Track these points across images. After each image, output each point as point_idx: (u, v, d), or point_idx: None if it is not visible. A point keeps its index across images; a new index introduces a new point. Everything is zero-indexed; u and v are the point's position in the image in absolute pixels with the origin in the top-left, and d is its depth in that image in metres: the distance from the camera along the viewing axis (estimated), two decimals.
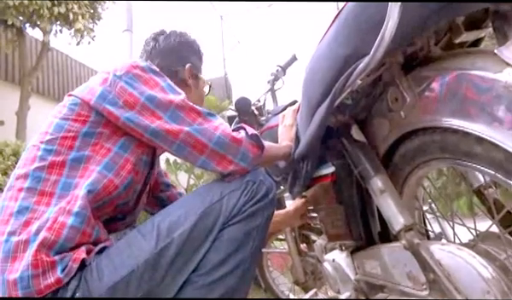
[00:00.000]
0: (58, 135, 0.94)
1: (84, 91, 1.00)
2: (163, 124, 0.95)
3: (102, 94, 0.97)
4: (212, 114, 1.02)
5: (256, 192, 0.97)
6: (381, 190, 0.91)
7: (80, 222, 0.86)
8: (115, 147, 0.97)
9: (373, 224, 1.10)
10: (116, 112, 0.95)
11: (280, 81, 2.13)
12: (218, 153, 0.97)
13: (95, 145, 0.95)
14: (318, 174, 1.20)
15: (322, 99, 0.88)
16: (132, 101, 0.96)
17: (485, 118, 0.64)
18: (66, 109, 0.99)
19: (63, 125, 0.96)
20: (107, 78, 0.99)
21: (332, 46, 0.83)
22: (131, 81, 0.98)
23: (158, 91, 0.98)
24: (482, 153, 0.68)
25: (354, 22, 0.76)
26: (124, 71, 0.99)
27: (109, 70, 1.01)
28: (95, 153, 0.95)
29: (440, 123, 0.74)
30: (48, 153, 0.92)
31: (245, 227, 0.94)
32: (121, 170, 0.96)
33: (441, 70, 0.74)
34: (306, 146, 1.04)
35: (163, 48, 1.29)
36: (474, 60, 0.68)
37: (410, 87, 0.81)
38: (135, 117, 0.95)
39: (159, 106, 0.96)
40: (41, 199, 0.88)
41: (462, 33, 0.80)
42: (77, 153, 0.93)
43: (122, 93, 0.96)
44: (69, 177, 0.91)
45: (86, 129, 0.95)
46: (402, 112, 0.83)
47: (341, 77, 0.80)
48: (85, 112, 0.97)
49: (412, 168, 0.92)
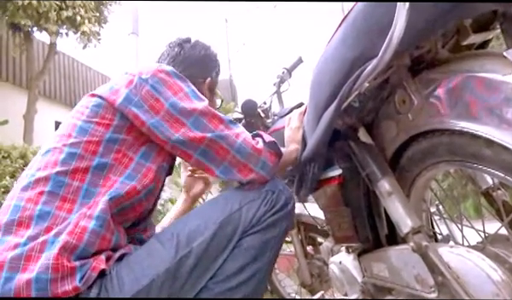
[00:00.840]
0: (82, 138, 0.94)
1: (109, 92, 0.99)
2: (186, 131, 0.97)
3: (128, 96, 0.97)
4: (233, 122, 1.03)
5: (275, 202, 0.98)
6: (388, 192, 0.91)
7: (100, 225, 0.86)
8: (137, 156, 0.98)
9: (380, 226, 1.10)
10: (142, 116, 0.96)
11: (286, 83, 2.13)
12: (239, 161, 0.99)
13: (117, 152, 0.95)
14: (325, 176, 1.20)
15: (330, 102, 0.88)
16: (158, 107, 0.97)
17: (494, 121, 0.64)
18: (89, 110, 0.98)
19: (87, 129, 0.95)
20: (132, 80, 0.99)
21: (339, 48, 0.83)
22: (157, 85, 0.99)
23: (182, 97, 1.00)
24: (491, 156, 0.68)
25: (362, 25, 0.77)
26: (150, 74, 1.00)
27: (134, 72, 1.01)
28: (117, 162, 0.95)
29: (448, 125, 0.74)
30: (71, 158, 0.92)
31: (263, 237, 0.95)
32: (143, 178, 0.97)
33: (449, 72, 0.74)
34: (313, 148, 1.04)
35: (188, 57, 1.29)
36: (483, 62, 0.68)
37: (417, 89, 0.81)
38: (160, 124, 0.96)
39: (182, 113, 0.97)
40: (63, 204, 0.87)
41: (469, 35, 0.79)
42: (100, 160, 0.93)
43: (148, 97, 0.97)
44: (91, 185, 0.91)
45: (110, 135, 0.95)
46: (409, 114, 0.83)
47: (349, 79, 0.80)
48: (109, 114, 0.97)
49: (420, 170, 0.92)
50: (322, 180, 1.22)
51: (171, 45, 1.33)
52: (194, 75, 1.26)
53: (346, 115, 0.97)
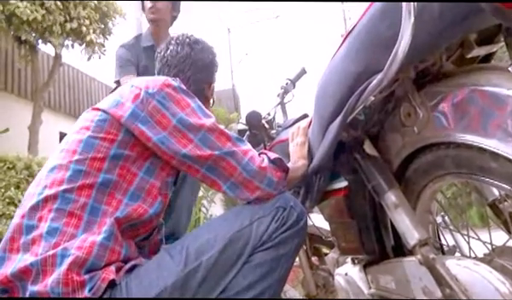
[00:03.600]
0: (88, 155, 0.94)
1: (114, 107, 0.99)
2: (194, 148, 0.97)
3: (134, 112, 0.97)
4: (240, 139, 1.04)
5: (287, 218, 0.97)
6: (394, 204, 0.91)
7: (107, 238, 0.88)
8: (141, 171, 0.98)
9: (386, 238, 1.09)
10: (148, 132, 0.96)
11: (290, 94, 2.14)
12: (245, 178, 0.99)
13: (122, 168, 0.95)
14: (331, 188, 1.20)
15: (335, 115, 0.89)
16: (164, 122, 0.97)
17: (500, 134, 0.64)
18: (94, 125, 0.97)
19: (92, 144, 0.95)
20: (138, 94, 0.99)
21: (344, 62, 0.84)
22: (164, 100, 0.99)
23: (189, 113, 0.99)
24: (498, 169, 0.68)
25: (366, 39, 0.78)
26: (156, 89, 1.00)
27: (140, 85, 1.01)
28: (121, 179, 0.95)
29: (454, 138, 0.74)
30: (78, 175, 0.92)
31: (274, 254, 0.94)
32: (147, 196, 0.98)
33: (455, 86, 0.75)
34: (319, 161, 1.04)
35: (197, 60, 1.27)
36: (489, 76, 0.69)
37: (422, 102, 0.81)
38: (166, 139, 0.96)
39: (190, 129, 0.98)
40: (70, 220, 0.88)
41: (473, 48, 0.80)
42: (105, 176, 0.93)
43: (154, 112, 0.97)
44: (96, 202, 0.91)
45: (114, 151, 0.95)
46: (415, 127, 0.83)
47: (354, 93, 0.80)
48: (114, 129, 0.96)
49: (426, 182, 0.92)
50: (327, 191, 1.23)
51: (178, 42, 1.29)
52: (202, 81, 1.28)
53: (352, 128, 0.97)
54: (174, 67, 1.25)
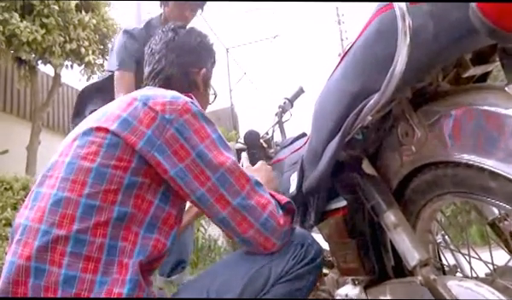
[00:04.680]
0: (100, 187, 0.85)
1: (127, 130, 0.89)
2: (212, 188, 0.91)
3: (150, 139, 0.89)
4: (259, 184, 0.97)
5: (304, 255, 0.96)
6: (394, 224, 0.90)
7: (133, 288, 0.83)
8: (156, 199, 0.92)
9: (387, 258, 1.08)
10: (165, 163, 0.89)
11: (288, 113, 2.15)
12: (262, 235, 0.93)
13: (136, 197, 0.88)
14: (330, 208, 1.20)
15: (333, 134, 0.89)
16: (182, 154, 0.90)
17: (498, 154, 0.64)
18: (104, 150, 0.88)
19: (104, 174, 0.86)
20: (154, 118, 0.91)
21: (341, 82, 0.85)
22: (182, 129, 0.92)
23: (209, 145, 0.93)
24: (497, 188, 0.68)
25: (362, 59, 0.78)
26: (174, 115, 0.92)
27: (156, 107, 0.92)
28: (137, 210, 0.88)
29: (452, 157, 0.74)
30: (90, 211, 0.84)
31: (290, 288, 0.93)
32: (164, 225, 0.93)
33: (452, 105, 0.75)
34: (317, 180, 1.04)
35: (182, 44, 1.21)
36: (485, 95, 0.69)
37: (420, 122, 0.82)
38: (184, 174, 0.90)
39: (208, 166, 0.91)
40: (87, 264, 0.82)
41: (469, 68, 0.81)
42: (120, 209, 0.86)
43: (172, 142, 0.90)
44: (113, 239, 0.85)
45: (128, 180, 0.87)
46: (413, 146, 0.84)
47: (351, 113, 0.81)
48: (127, 156, 0.88)
49: (425, 202, 0.91)
50: (326, 211, 1.22)
51: (164, 30, 1.24)
52: (188, 63, 1.21)
53: (350, 147, 0.97)
54: (158, 53, 1.19)
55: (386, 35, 0.71)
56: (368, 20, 0.77)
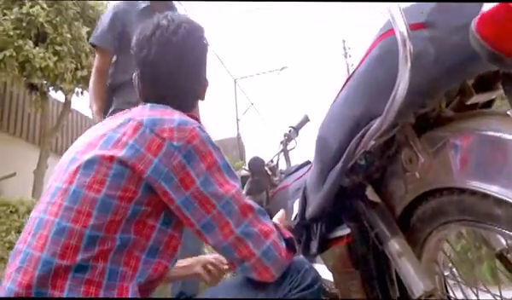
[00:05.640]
0: (105, 219, 0.84)
1: (133, 157, 0.87)
2: (216, 216, 0.90)
3: (157, 167, 0.87)
4: (263, 212, 0.96)
5: (301, 281, 0.94)
6: (398, 253, 0.88)
7: None
8: (158, 222, 0.90)
9: (391, 289, 1.05)
10: (172, 193, 0.88)
11: (292, 142, 2.15)
12: (263, 264, 0.91)
13: (138, 223, 0.87)
14: (333, 236, 1.18)
15: (336, 159, 0.89)
16: (188, 182, 0.89)
17: (503, 180, 0.63)
18: (110, 180, 0.86)
19: (109, 205, 0.85)
20: (161, 145, 0.89)
21: (344, 107, 0.85)
22: (190, 156, 0.90)
23: (215, 172, 0.92)
24: (502, 215, 0.66)
25: (365, 83, 0.78)
26: (182, 142, 0.90)
27: (163, 134, 0.90)
28: (138, 235, 0.87)
29: (457, 184, 0.73)
30: (94, 242, 0.83)
31: None
32: (167, 248, 0.92)
33: (456, 131, 0.75)
34: (319, 206, 1.02)
35: (188, 56, 1.07)
36: (489, 121, 0.69)
37: (424, 148, 0.81)
38: (189, 202, 0.89)
39: (213, 195, 0.90)
40: (88, 289, 0.81)
41: (472, 95, 0.81)
42: (122, 237, 0.85)
43: (179, 169, 0.88)
44: (114, 263, 0.84)
45: (132, 210, 0.86)
46: (417, 172, 0.82)
47: (354, 138, 0.80)
48: (133, 185, 0.87)
49: (431, 230, 0.89)
50: (329, 240, 1.20)
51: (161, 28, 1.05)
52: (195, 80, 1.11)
53: (353, 173, 0.96)
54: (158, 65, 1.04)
55: (388, 60, 0.72)
56: (370, 45, 0.78)
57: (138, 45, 1.06)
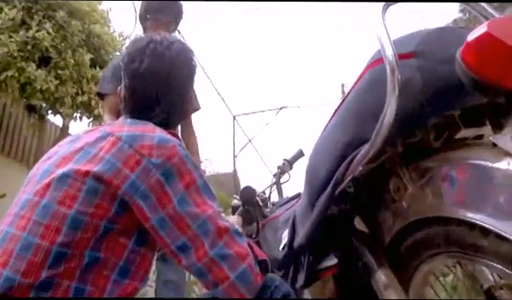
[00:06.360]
0: (74, 236, 0.81)
1: (109, 172, 0.85)
2: (191, 237, 0.87)
3: (134, 183, 0.85)
4: (239, 233, 0.94)
5: (271, 296, 0.91)
6: (384, 285, 0.87)
7: None
8: (131, 241, 0.88)
9: None
10: (147, 212, 0.86)
11: (286, 175, 2.15)
12: (236, 289, 0.87)
13: (108, 241, 0.85)
14: (321, 266, 1.15)
15: (324, 186, 0.88)
16: (165, 201, 0.87)
17: (490, 209, 0.63)
18: (83, 196, 0.84)
19: (81, 223, 0.82)
20: (139, 162, 0.87)
21: (334, 133, 0.86)
22: (168, 174, 0.88)
23: (192, 192, 0.90)
24: (488, 246, 0.65)
25: (355, 109, 0.80)
26: (161, 159, 0.88)
27: (143, 151, 0.88)
28: (109, 254, 0.84)
29: (444, 213, 0.72)
30: (60, 260, 0.80)
31: None
32: (139, 269, 0.89)
33: (443, 160, 0.75)
34: (307, 235, 1.01)
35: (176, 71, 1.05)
36: (476, 151, 0.70)
37: (411, 177, 0.81)
38: (165, 222, 0.86)
39: (189, 214, 0.88)
40: None
41: (460, 129, 0.82)
42: (90, 254, 0.82)
43: (157, 188, 0.86)
44: (80, 282, 0.81)
45: (103, 227, 0.84)
46: (404, 202, 0.82)
47: (343, 163, 0.81)
48: (107, 202, 0.84)
49: (418, 262, 0.88)
50: (318, 270, 1.17)
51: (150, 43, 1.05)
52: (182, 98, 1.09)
53: (342, 201, 0.96)
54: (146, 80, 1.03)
55: (377, 87, 0.73)
56: (360, 73, 0.80)
57: (129, 56, 1.05)
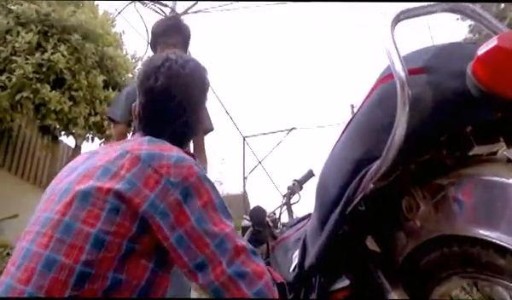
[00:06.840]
0: (97, 255, 0.82)
1: (130, 191, 0.87)
2: (209, 256, 0.87)
3: (153, 202, 0.87)
4: (256, 253, 0.93)
5: None
6: None
7: None
8: (151, 263, 0.89)
9: None
10: (166, 230, 0.87)
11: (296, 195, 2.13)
12: None
13: (130, 263, 0.85)
14: (333, 288, 1.13)
15: (335, 204, 0.87)
16: (182, 219, 0.88)
17: (505, 227, 0.61)
18: (106, 215, 0.85)
19: (103, 241, 0.83)
20: (158, 181, 0.89)
21: (345, 149, 0.85)
22: (186, 194, 0.89)
23: (209, 210, 0.91)
24: (506, 266, 0.63)
25: (365, 126, 0.79)
26: (179, 179, 0.90)
27: (161, 170, 0.90)
28: (130, 277, 0.85)
29: (458, 232, 0.71)
30: (83, 279, 0.80)
31: None
32: (158, 289, 0.90)
33: (456, 177, 0.74)
34: (318, 255, 0.99)
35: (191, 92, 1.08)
36: (490, 167, 0.68)
37: (424, 195, 0.80)
38: (183, 240, 0.87)
39: (207, 233, 0.88)
40: None
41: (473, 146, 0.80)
42: (113, 277, 0.83)
43: (175, 206, 0.88)
44: None
45: (125, 247, 0.84)
46: (417, 220, 0.81)
47: (354, 180, 0.80)
48: (128, 221, 0.86)
49: (433, 283, 0.85)
50: (329, 292, 1.15)
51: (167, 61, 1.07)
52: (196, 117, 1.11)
53: (353, 220, 0.94)
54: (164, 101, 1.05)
55: (387, 103, 0.73)
56: (370, 88, 0.80)
57: (145, 74, 1.07)
